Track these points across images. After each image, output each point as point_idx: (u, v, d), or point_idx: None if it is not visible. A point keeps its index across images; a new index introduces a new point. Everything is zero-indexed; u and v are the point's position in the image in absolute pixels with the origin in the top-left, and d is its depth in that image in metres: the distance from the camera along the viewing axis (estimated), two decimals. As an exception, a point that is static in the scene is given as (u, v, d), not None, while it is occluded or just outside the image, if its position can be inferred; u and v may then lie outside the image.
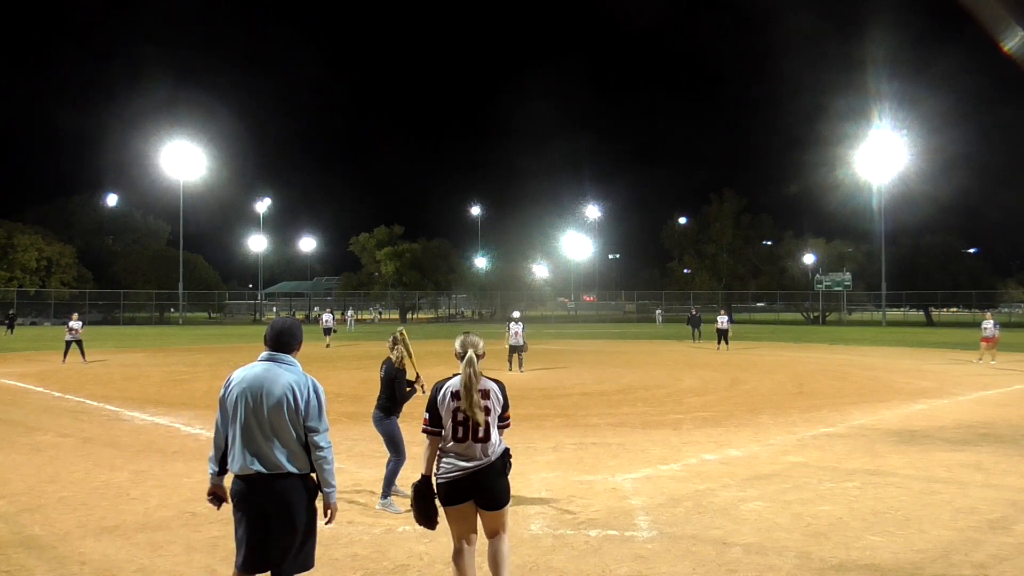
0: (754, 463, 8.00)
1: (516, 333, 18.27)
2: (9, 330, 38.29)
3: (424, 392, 6.73)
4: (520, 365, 18.19)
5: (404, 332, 6.64)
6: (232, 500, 3.58)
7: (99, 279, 63.38)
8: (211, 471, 3.69)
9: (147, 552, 5.15)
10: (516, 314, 19.89)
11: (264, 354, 3.72)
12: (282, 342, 3.73)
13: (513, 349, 18.31)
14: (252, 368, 3.66)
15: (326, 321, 30.74)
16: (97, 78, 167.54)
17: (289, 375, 3.63)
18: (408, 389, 6.58)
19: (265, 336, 3.78)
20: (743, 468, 7.75)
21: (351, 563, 4.95)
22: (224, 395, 3.64)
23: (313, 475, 3.62)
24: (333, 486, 3.63)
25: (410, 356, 6.61)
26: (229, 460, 3.59)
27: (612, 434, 9.80)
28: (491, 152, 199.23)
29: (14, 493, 6.74)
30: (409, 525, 5.77)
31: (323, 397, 3.70)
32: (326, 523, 3.70)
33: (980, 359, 20.79)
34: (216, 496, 3.70)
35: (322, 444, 3.59)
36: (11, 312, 41.67)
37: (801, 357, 23.96)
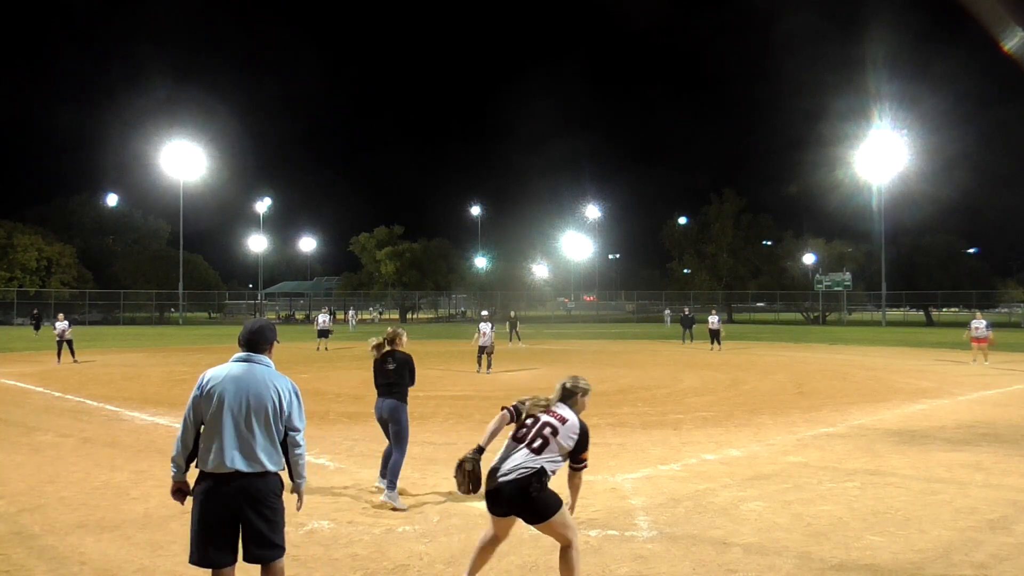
0: (754, 463, 8.00)
1: (484, 333, 18.35)
2: (35, 329, 38.45)
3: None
4: (488, 366, 18.27)
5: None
6: (196, 497, 3.59)
7: (99, 279, 63.33)
8: (175, 469, 3.70)
9: (147, 552, 5.15)
10: (485, 313, 20.10)
11: (240, 355, 3.77)
12: (257, 342, 3.79)
13: (481, 349, 18.45)
14: (230, 368, 3.71)
15: (322, 323, 28.04)
16: (97, 78, 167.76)
17: (268, 376, 3.71)
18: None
19: (239, 337, 3.83)
20: (743, 468, 7.75)
21: (351, 563, 4.95)
22: (199, 395, 3.66)
23: (282, 472, 3.70)
24: (304, 477, 3.82)
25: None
26: (202, 458, 3.60)
27: (612, 434, 9.79)
28: (491, 152, 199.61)
29: (14, 493, 6.74)
30: (409, 525, 5.77)
31: (300, 397, 3.81)
32: (297, 509, 3.83)
33: (975, 360, 20.75)
34: (181, 492, 3.72)
35: (300, 442, 3.75)
36: (35, 312, 41.76)
37: (801, 357, 23.96)
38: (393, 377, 6.68)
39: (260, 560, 3.61)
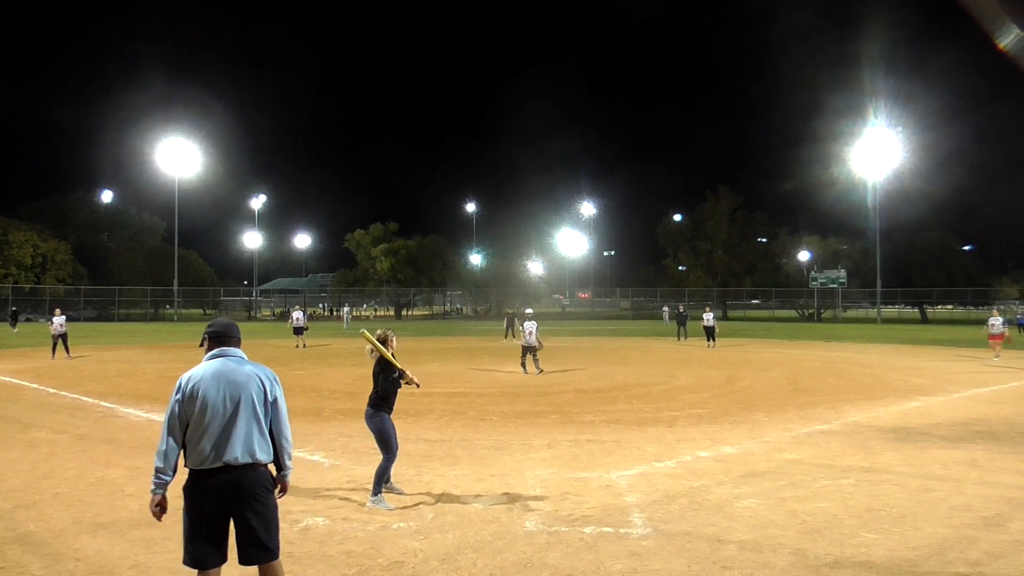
0: (749, 460, 8.01)
1: (530, 332, 17.19)
2: (12, 325, 38.34)
3: (417, 386, 6.65)
4: (536, 365, 17.19)
5: (365, 332, 6.56)
6: (187, 495, 3.58)
7: (94, 275, 63.29)
8: (165, 480, 3.61)
9: (142, 549, 5.14)
10: (530, 311, 19.52)
11: (214, 351, 3.79)
12: (229, 337, 3.84)
13: (527, 349, 17.32)
14: (208, 366, 3.72)
15: (296, 320, 27.64)
16: (93, 74, 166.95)
17: (248, 367, 3.75)
18: (392, 378, 6.42)
19: (210, 334, 3.84)
20: (738, 465, 7.76)
21: (346, 559, 4.95)
22: (181, 398, 3.64)
23: (271, 465, 3.73)
24: (290, 467, 3.84)
25: (377, 348, 6.41)
26: (192, 456, 3.59)
27: (607, 431, 9.80)
28: (487, 149, 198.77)
29: (9, 490, 6.72)
30: (404, 522, 5.76)
31: (279, 383, 3.86)
32: (278, 497, 3.81)
33: (996, 356, 20.82)
34: (162, 507, 3.67)
35: (285, 431, 3.79)
36: (13, 309, 41.66)
37: (796, 354, 24.01)
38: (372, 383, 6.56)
39: (255, 561, 3.58)
